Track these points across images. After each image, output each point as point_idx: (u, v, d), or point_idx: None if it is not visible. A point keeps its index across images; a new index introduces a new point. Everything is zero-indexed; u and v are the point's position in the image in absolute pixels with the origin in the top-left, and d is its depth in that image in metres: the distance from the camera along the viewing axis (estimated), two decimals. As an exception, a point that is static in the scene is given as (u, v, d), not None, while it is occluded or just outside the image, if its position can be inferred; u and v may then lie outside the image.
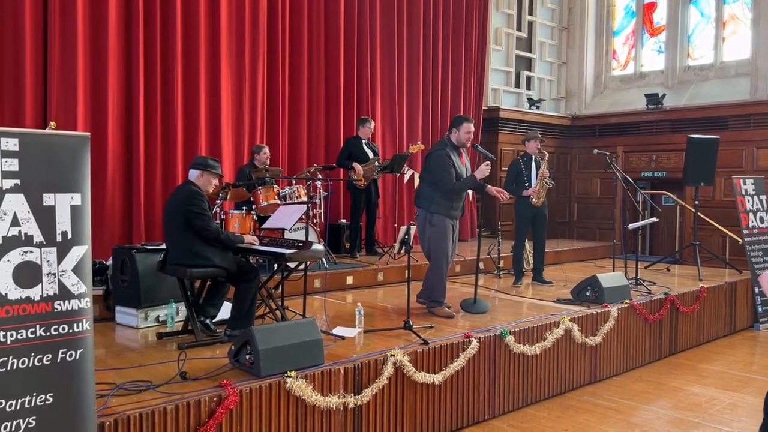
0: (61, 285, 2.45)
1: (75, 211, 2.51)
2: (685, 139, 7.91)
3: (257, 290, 4.11)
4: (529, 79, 10.97)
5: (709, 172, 7.62)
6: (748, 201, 7.44)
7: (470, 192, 9.54)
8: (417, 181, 9.07)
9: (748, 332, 7.03)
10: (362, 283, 6.24)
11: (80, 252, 2.50)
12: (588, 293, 5.53)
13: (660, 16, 10.80)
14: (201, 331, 4.04)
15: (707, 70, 10.17)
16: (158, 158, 6.33)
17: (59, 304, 2.44)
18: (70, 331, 2.47)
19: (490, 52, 10.20)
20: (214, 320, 4.24)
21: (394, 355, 3.72)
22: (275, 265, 4.59)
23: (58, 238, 2.45)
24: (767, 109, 9.04)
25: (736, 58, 9.84)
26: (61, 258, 2.45)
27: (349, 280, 6.20)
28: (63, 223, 2.47)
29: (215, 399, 3.02)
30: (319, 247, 4.00)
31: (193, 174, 4.14)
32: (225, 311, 4.30)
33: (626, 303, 5.48)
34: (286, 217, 4.40)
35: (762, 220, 7.49)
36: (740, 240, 7.88)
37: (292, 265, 4.45)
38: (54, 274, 2.43)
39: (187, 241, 3.92)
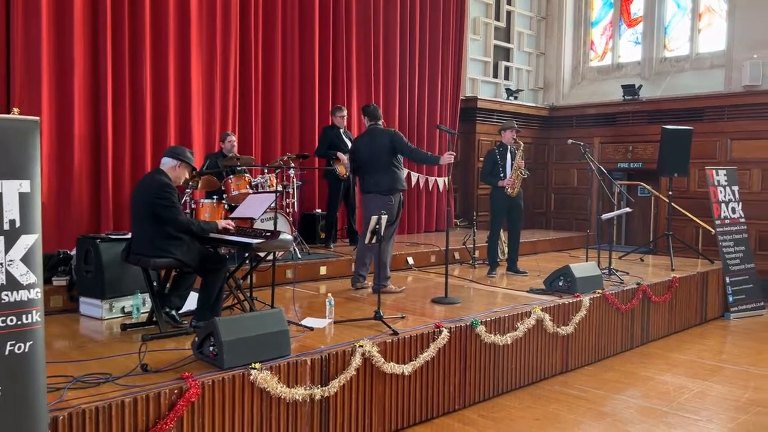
0: (9, 275, 2.35)
1: (24, 198, 2.41)
2: (660, 130, 7.95)
3: (224, 281, 4.03)
4: (507, 69, 10.94)
5: (683, 162, 7.66)
6: (721, 192, 7.50)
7: (444, 182, 9.52)
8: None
9: (719, 321, 7.11)
10: (336, 273, 6.17)
11: (29, 241, 2.40)
12: (560, 283, 5.54)
13: (637, 7, 10.82)
14: (166, 323, 3.96)
15: (683, 61, 10.23)
16: (127, 145, 6.18)
17: (7, 295, 2.34)
18: (19, 322, 2.37)
19: (468, 41, 10.14)
20: (180, 311, 4.16)
21: (362, 346, 3.68)
22: (244, 255, 4.51)
23: (6, 227, 2.35)
24: (741, 100, 9.12)
25: (711, 50, 9.90)
26: (8, 247, 2.35)
27: (323, 270, 6.14)
28: (11, 211, 2.37)
29: (176, 392, 2.95)
30: (287, 236, 3.92)
31: (168, 163, 4.02)
32: (192, 302, 4.22)
33: (598, 293, 5.49)
34: (255, 207, 4.31)
35: (734, 210, 7.56)
36: (712, 230, 7.96)
37: (261, 254, 4.38)
38: (1, 263, 2.33)
39: (151, 231, 3.82)
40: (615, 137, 10.46)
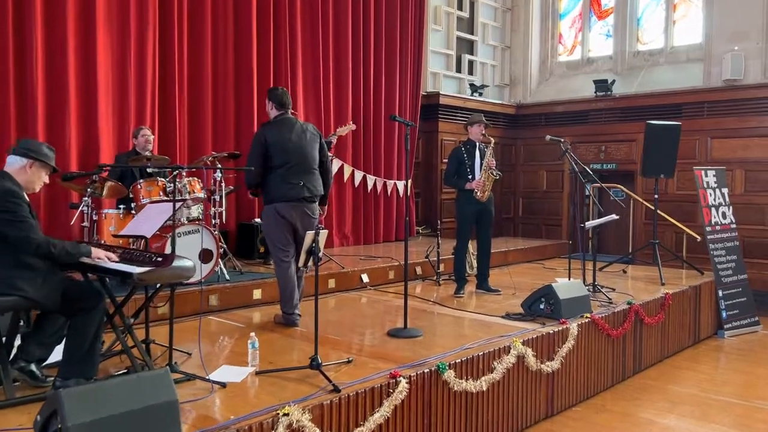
0: None
1: None
2: (636, 128, 7.21)
3: (102, 321, 2.96)
4: (471, 63, 10.07)
5: (669, 162, 6.85)
6: (711, 195, 6.74)
7: (402, 185, 8.55)
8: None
9: (712, 341, 6.32)
10: (273, 298, 5.07)
11: None
12: (542, 306, 4.63)
13: (608, -2, 10.12)
14: (17, 385, 2.86)
15: (657, 55, 9.54)
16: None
17: None
18: None
19: (429, 32, 9.23)
20: (44, 364, 3.07)
21: (288, 414, 2.66)
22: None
23: None
24: (721, 96, 8.45)
25: (687, 43, 9.23)
26: None
27: (257, 293, 5.08)
28: None
29: None
30: (184, 263, 2.87)
31: (16, 163, 2.95)
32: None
33: (586, 317, 4.60)
34: (150, 221, 3.25)
35: (724, 215, 6.81)
36: (698, 237, 7.22)
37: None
38: None
39: (-12, 258, 2.74)
40: (586, 136, 9.69)
